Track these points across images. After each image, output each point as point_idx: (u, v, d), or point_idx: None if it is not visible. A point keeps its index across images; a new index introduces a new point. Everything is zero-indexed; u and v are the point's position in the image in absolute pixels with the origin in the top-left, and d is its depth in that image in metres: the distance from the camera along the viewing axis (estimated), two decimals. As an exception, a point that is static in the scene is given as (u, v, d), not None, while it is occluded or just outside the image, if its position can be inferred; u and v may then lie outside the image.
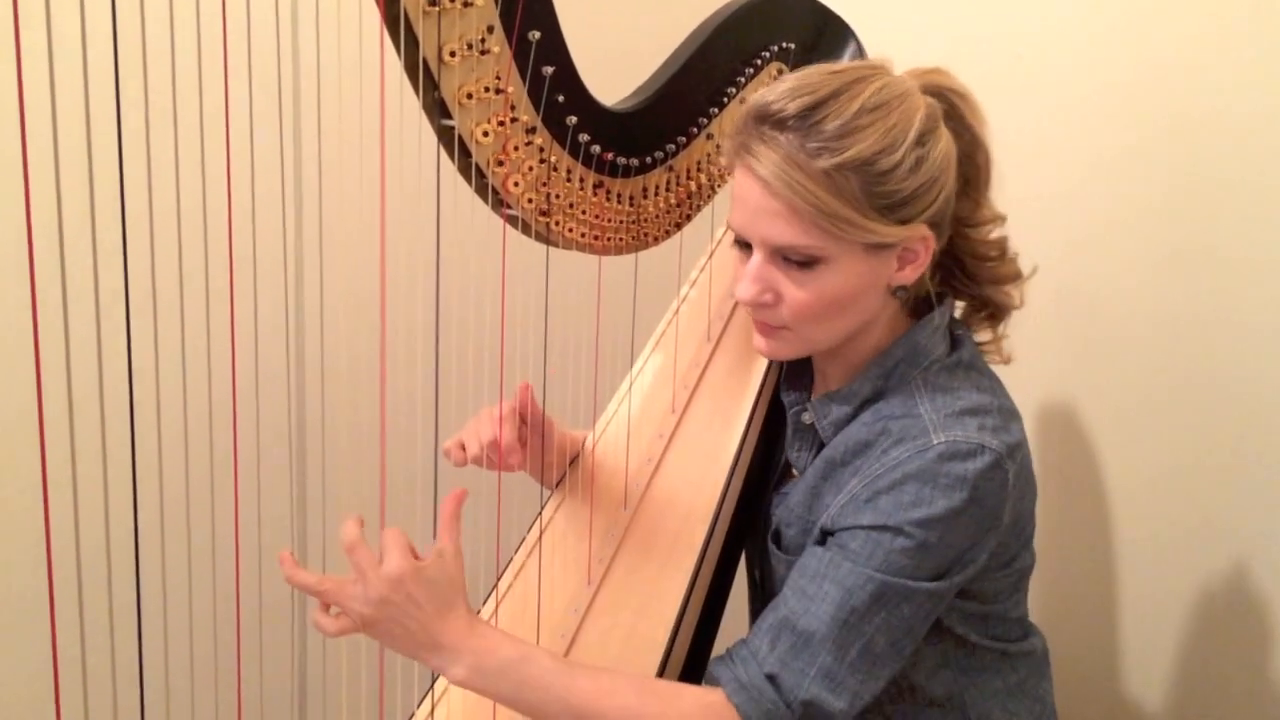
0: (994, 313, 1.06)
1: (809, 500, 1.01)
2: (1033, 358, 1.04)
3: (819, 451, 1.03)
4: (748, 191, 0.91)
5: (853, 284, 0.92)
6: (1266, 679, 1.33)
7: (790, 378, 1.12)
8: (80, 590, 0.78)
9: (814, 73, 0.92)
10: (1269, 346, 1.29)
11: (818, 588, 0.89)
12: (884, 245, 0.92)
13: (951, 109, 0.95)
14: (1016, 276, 1.05)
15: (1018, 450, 0.93)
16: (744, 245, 0.95)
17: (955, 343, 1.01)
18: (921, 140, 0.90)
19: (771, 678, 0.87)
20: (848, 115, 0.88)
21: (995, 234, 1.03)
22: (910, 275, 0.96)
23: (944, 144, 0.92)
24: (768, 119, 0.90)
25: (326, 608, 0.86)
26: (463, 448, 1.08)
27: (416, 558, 0.85)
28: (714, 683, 0.90)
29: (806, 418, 1.03)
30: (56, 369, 0.65)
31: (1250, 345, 1.31)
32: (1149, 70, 1.38)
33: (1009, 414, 0.96)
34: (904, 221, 0.91)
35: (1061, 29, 1.48)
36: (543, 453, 1.14)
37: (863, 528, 0.90)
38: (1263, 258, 1.28)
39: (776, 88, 0.91)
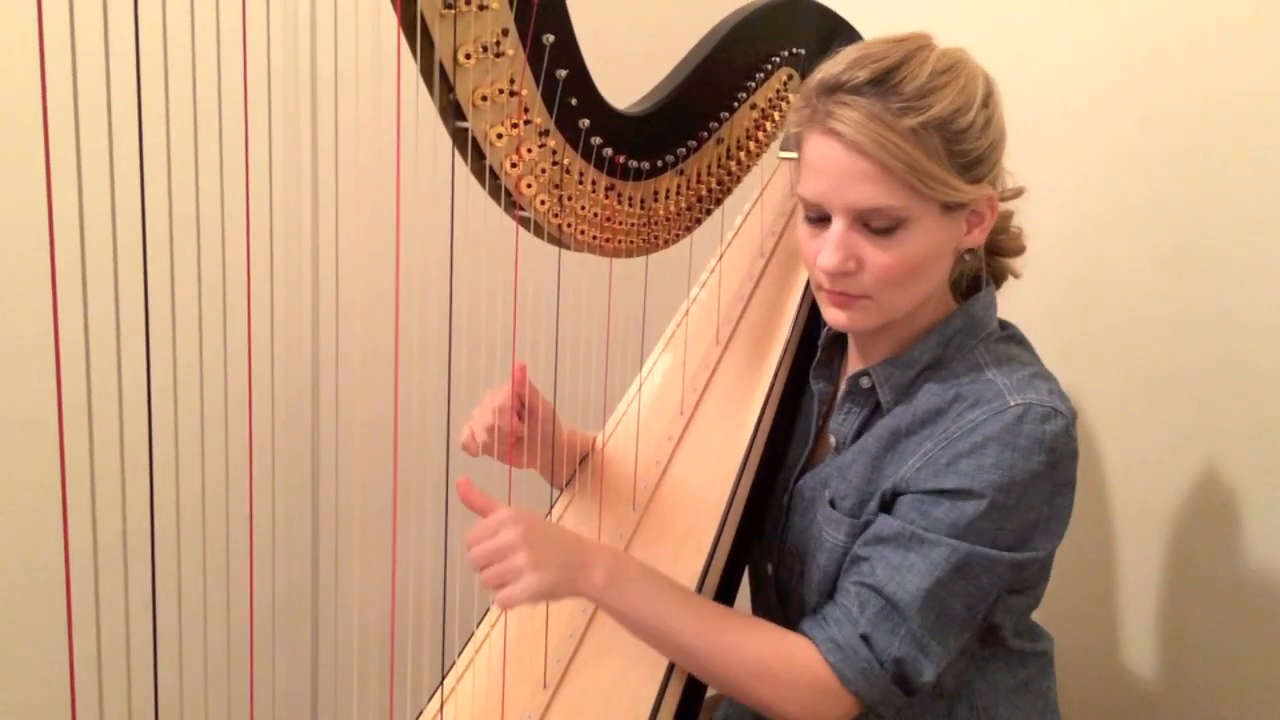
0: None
1: (868, 471, 1.00)
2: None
3: (868, 420, 1.04)
4: (830, 157, 0.91)
5: (931, 247, 0.94)
6: (1270, 673, 1.33)
7: (821, 365, 1.13)
8: (97, 587, 0.79)
9: (874, 44, 0.94)
10: (1271, 341, 1.29)
11: (903, 558, 0.92)
12: (959, 205, 0.93)
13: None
14: (1022, 250, 1.08)
15: (1076, 420, 0.96)
16: (817, 219, 0.95)
17: (1003, 323, 1.04)
18: (987, 101, 0.93)
19: (865, 638, 0.92)
20: (923, 77, 0.89)
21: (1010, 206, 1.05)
22: (978, 238, 0.98)
23: (1000, 107, 0.95)
24: (840, 88, 0.91)
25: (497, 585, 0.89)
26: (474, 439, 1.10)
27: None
28: (808, 642, 0.94)
29: (865, 382, 1.03)
30: (75, 369, 0.66)
31: (1252, 339, 1.31)
32: (1149, 67, 1.39)
33: (1061, 388, 0.98)
34: (976, 181, 0.93)
35: (1061, 27, 1.49)
36: (540, 440, 1.14)
37: (945, 493, 0.92)
38: (1263, 252, 1.29)
39: (839, 60, 0.92)
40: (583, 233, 1.03)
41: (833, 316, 0.98)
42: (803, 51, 1.19)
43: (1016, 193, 1.04)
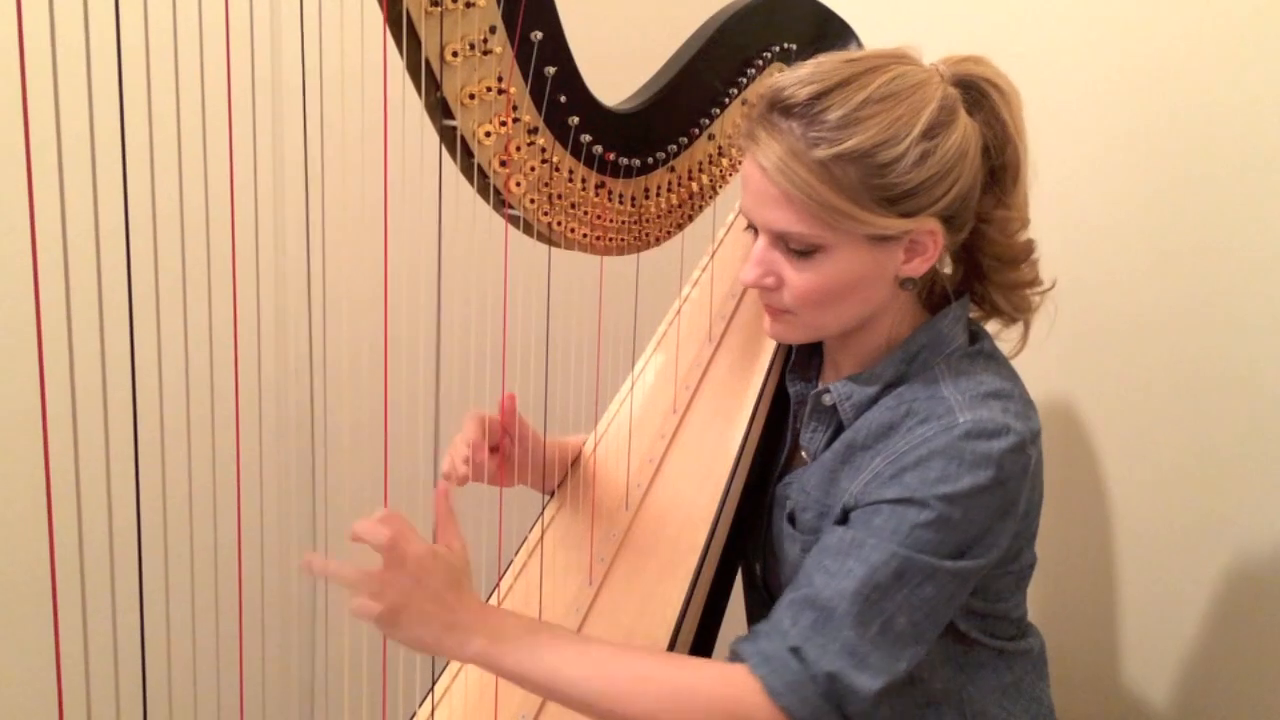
0: (1001, 318, 1.06)
1: (826, 484, 1.00)
2: (1032, 355, 1.05)
3: (835, 435, 1.03)
4: (751, 177, 0.93)
5: (854, 273, 0.93)
6: (1266, 677, 1.33)
7: (798, 366, 1.13)
8: (83, 589, 0.78)
9: (831, 59, 0.92)
10: (1269, 343, 1.29)
11: (840, 564, 0.89)
12: (887, 237, 0.92)
13: (982, 98, 0.94)
14: (1032, 283, 1.04)
15: (1037, 438, 0.94)
16: (753, 228, 0.97)
17: (974, 335, 1.02)
18: (930, 133, 0.89)
19: (795, 650, 0.86)
20: (851, 105, 0.88)
21: (1021, 236, 1.01)
22: (919, 268, 0.95)
23: (958, 136, 0.91)
24: (778, 105, 0.91)
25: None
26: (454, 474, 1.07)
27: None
28: (737, 659, 0.89)
29: (827, 399, 1.03)
30: (59, 369, 0.65)
31: (1250, 342, 1.31)
32: (1148, 68, 1.38)
33: (1028, 403, 0.97)
34: (909, 214, 0.90)
35: (1061, 29, 1.49)
36: (529, 465, 1.13)
37: (887, 502, 0.90)
38: (1262, 254, 1.29)
39: (794, 73, 0.92)
40: (573, 230, 1.02)
41: (766, 327, 1.02)
42: (794, 47, 1.19)
43: (1020, 219, 1.00)
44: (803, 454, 1.08)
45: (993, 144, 0.95)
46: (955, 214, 0.94)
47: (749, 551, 1.15)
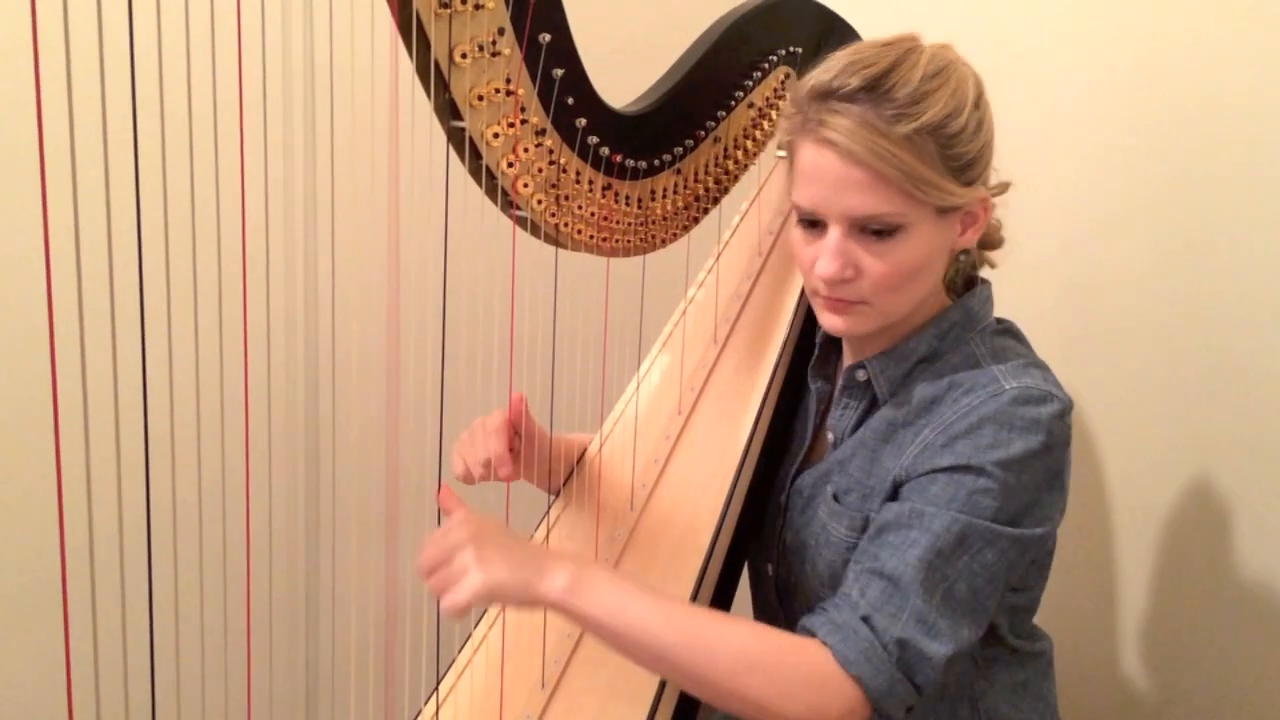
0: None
1: (868, 465, 1.00)
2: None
3: (866, 414, 1.04)
4: (823, 166, 0.91)
5: (927, 250, 0.94)
6: (1266, 675, 1.33)
7: (820, 364, 1.13)
8: (93, 588, 0.78)
9: (863, 48, 0.93)
10: (1270, 340, 1.29)
11: (903, 536, 0.89)
12: (954, 208, 0.94)
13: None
14: (1001, 243, 1.08)
15: (1072, 409, 0.95)
16: (813, 224, 0.95)
17: (998, 319, 1.05)
18: (978, 103, 0.93)
19: (866, 619, 0.87)
20: (915, 82, 0.89)
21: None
22: (972, 238, 0.98)
23: (989, 108, 0.95)
24: (832, 94, 0.90)
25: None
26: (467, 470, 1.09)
27: None
28: (807, 633, 0.89)
29: (861, 375, 1.03)
30: (71, 368, 0.66)
31: (1251, 339, 1.31)
32: (1148, 66, 1.39)
33: (1057, 380, 0.98)
34: (970, 183, 0.93)
35: (1061, 27, 1.49)
36: (535, 462, 1.14)
37: (942, 470, 0.91)
38: (1262, 251, 1.29)
39: (830, 67, 0.92)
40: (580, 232, 1.03)
41: (830, 322, 0.98)
42: (800, 50, 1.19)
43: (1003, 188, 1.03)
44: (829, 437, 1.08)
45: None
46: (988, 181, 0.97)
47: (757, 553, 1.15)
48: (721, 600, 1.08)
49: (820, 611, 0.90)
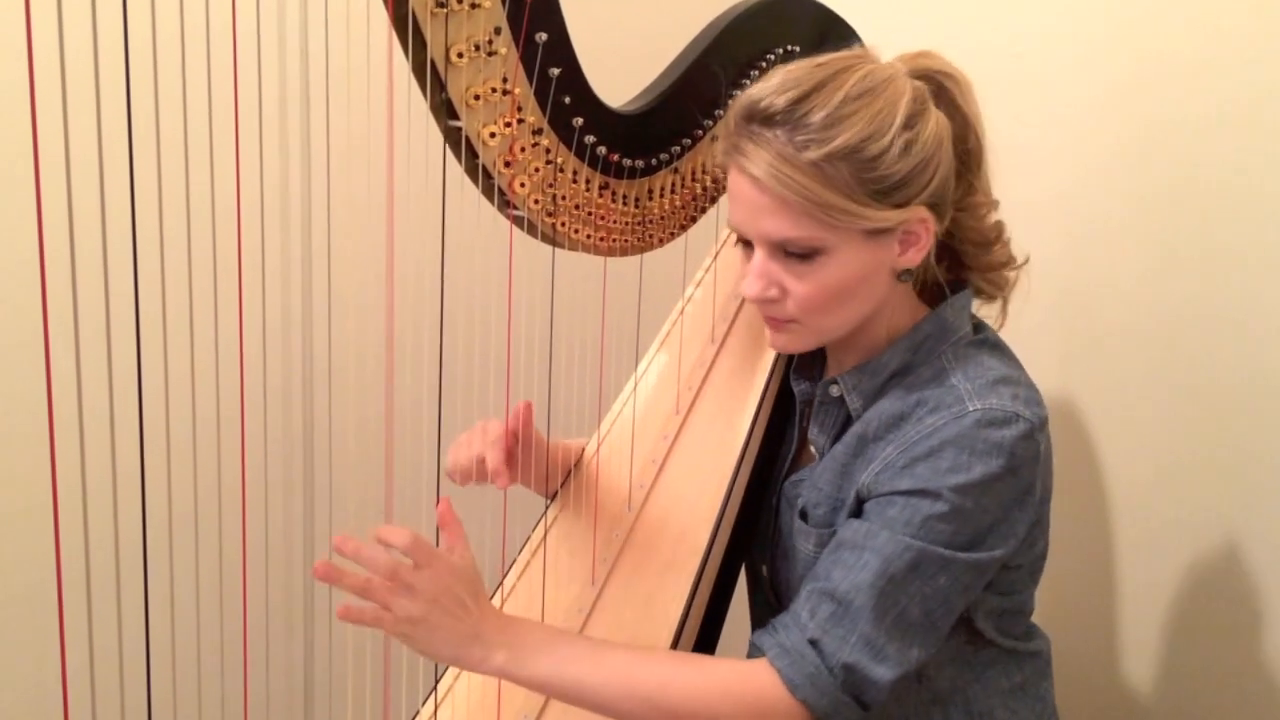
0: (980, 297, 1.07)
1: (838, 479, 1.01)
2: (1031, 356, 1.05)
3: (843, 429, 1.04)
4: (742, 190, 0.93)
5: (855, 271, 0.93)
6: (1265, 676, 1.33)
7: (802, 367, 1.13)
8: (89, 591, 0.78)
9: (799, 67, 0.93)
10: (1268, 344, 1.29)
11: (856, 557, 0.90)
12: (882, 230, 0.92)
13: (941, 91, 0.96)
14: (1006, 263, 1.06)
15: (1045, 425, 0.95)
16: (746, 243, 0.96)
17: (977, 326, 1.03)
18: (909, 123, 0.91)
19: (814, 643, 0.88)
20: (833, 105, 0.89)
21: (991, 219, 1.03)
22: (914, 258, 0.96)
23: (934, 125, 0.93)
24: (756, 116, 0.91)
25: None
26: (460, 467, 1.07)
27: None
28: (757, 652, 0.91)
29: (835, 390, 1.03)
30: (66, 372, 0.65)
31: (1249, 342, 1.31)
32: (1148, 69, 1.39)
33: (1034, 391, 0.98)
34: (900, 205, 0.92)
35: (1061, 29, 1.49)
36: (532, 468, 1.13)
37: (900, 493, 0.91)
38: (1261, 255, 1.29)
39: (765, 84, 0.93)
40: (577, 231, 1.02)
41: (769, 339, 1.01)
42: (797, 48, 1.19)
43: (989, 202, 1.02)
44: (811, 449, 1.08)
45: (957, 132, 0.96)
46: (939, 200, 0.95)
47: (754, 553, 1.15)
48: (720, 598, 1.08)
49: (770, 631, 0.92)
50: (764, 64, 1.16)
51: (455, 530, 0.88)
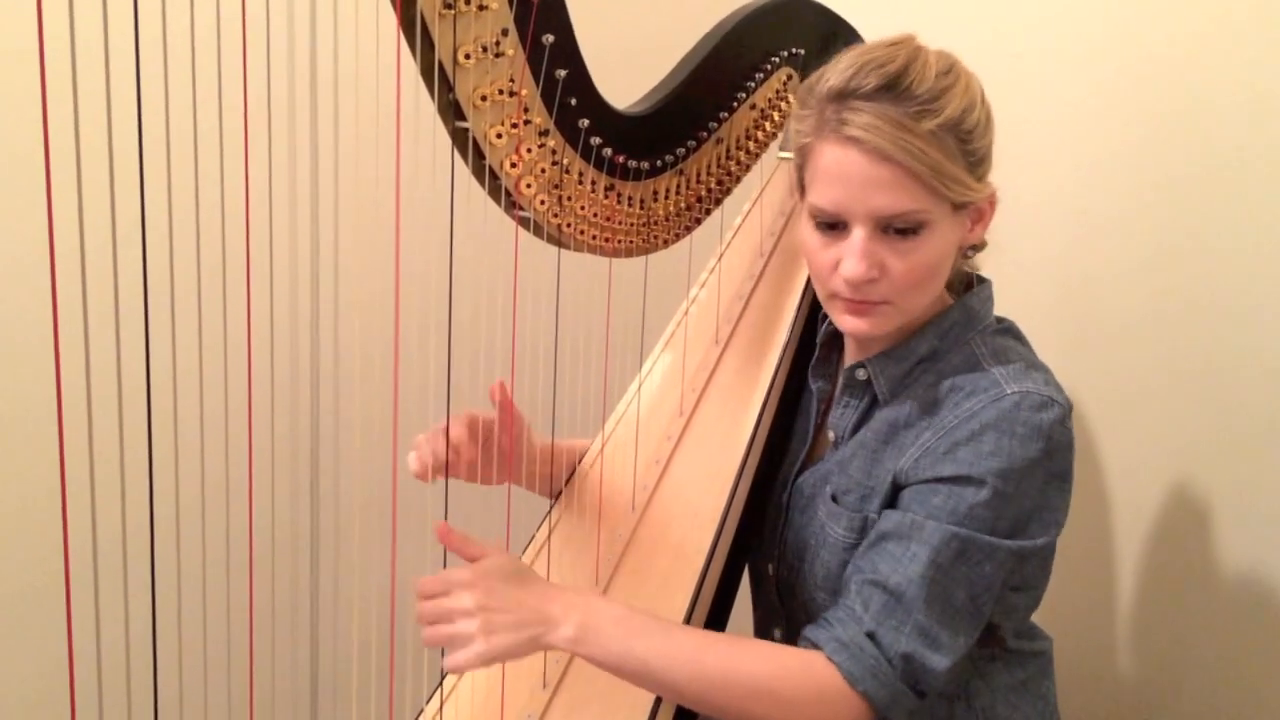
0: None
1: (868, 465, 1.01)
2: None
3: (866, 413, 1.04)
4: (849, 164, 0.90)
5: (947, 246, 0.94)
6: (1265, 676, 1.33)
7: (820, 363, 1.13)
8: (96, 588, 0.79)
9: (873, 48, 0.93)
10: (1269, 339, 1.29)
11: (904, 549, 0.91)
12: (967, 204, 0.93)
13: None
14: (983, 245, 1.06)
15: (1071, 412, 0.95)
16: (831, 226, 0.94)
17: (998, 317, 1.04)
18: (984, 99, 0.94)
19: (871, 635, 0.89)
20: (931, 79, 0.89)
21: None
22: (979, 234, 0.98)
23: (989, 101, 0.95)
24: (852, 93, 0.90)
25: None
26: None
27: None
28: (810, 645, 0.91)
29: (861, 374, 1.03)
30: (75, 369, 0.66)
31: (1251, 339, 1.31)
32: (1148, 67, 1.39)
33: (1057, 380, 0.98)
34: (982, 178, 0.94)
35: (1061, 27, 1.49)
36: (524, 464, 1.11)
37: (944, 480, 0.91)
38: (1262, 251, 1.29)
39: (840, 68, 0.92)
40: (582, 233, 1.03)
41: (851, 324, 0.97)
42: (802, 52, 1.19)
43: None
44: (830, 435, 1.08)
45: None
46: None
47: (758, 552, 1.15)
48: (723, 599, 1.08)
49: (825, 625, 0.92)
50: (769, 66, 1.16)
51: (460, 543, 0.89)
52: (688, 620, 1.02)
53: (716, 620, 1.07)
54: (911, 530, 0.91)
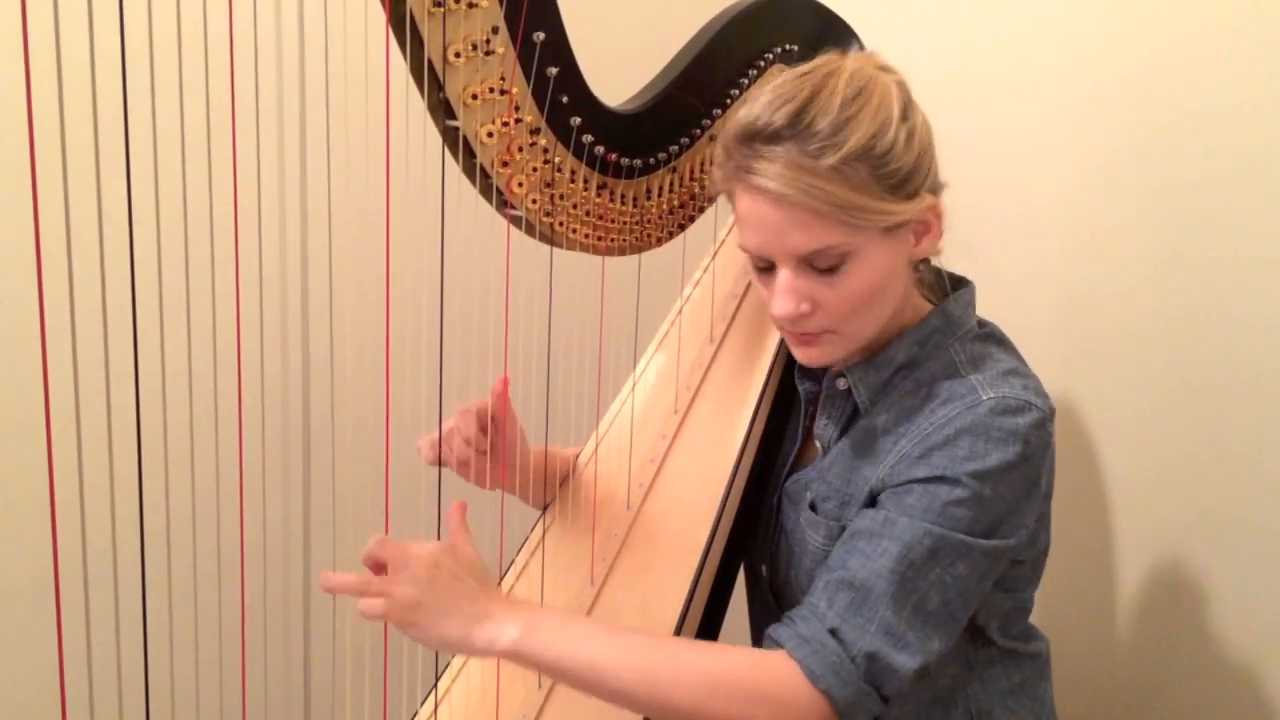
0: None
1: (847, 473, 1.01)
2: (1032, 356, 1.05)
3: (849, 423, 1.04)
4: (758, 211, 0.91)
5: (881, 269, 0.93)
6: (1264, 676, 1.33)
7: (805, 367, 1.13)
8: (86, 590, 0.78)
9: (784, 82, 0.93)
10: (1268, 344, 1.29)
11: (874, 545, 0.89)
12: (900, 224, 0.93)
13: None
14: (938, 253, 1.04)
15: (1053, 416, 0.95)
16: (764, 267, 0.95)
17: (980, 321, 1.04)
18: (905, 114, 0.92)
19: (833, 631, 0.86)
20: (835, 109, 0.88)
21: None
22: (928, 247, 0.97)
23: (921, 113, 0.94)
24: (758, 135, 0.90)
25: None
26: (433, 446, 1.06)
27: None
28: (774, 644, 0.88)
29: (842, 384, 1.03)
30: (63, 373, 0.65)
31: (1250, 343, 1.31)
32: (1147, 73, 1.39)
33: (1040, 384, 0.98)
34: (911, 196, 0.92)
35: (1060, 31, 1.49)
36: (507, 462, 1.09)
37: (918, 481, 0.91)
38: (1260, 257, 1.29)
39: (754, 105, 0.92)
40: (575, 231, 1.03)
41: (803, 355, 0.99)
42: (795, 48, 1.19)
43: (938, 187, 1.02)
44: (816, 444, 1.08)
45: None
46: (936, 186, 0.96)
47: (753, 552, 1.15)
48: (718, 599, 1.08)
49: (787, 622, 0.90)
50: (762, 63, 1.16)
51: (461, 531, 0.89)
52: (683, 619, 1.01)
53: (712, 619, 1.07)
54: (884, 527, 0.90)
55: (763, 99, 0.91)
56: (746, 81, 1.15)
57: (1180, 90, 1.35)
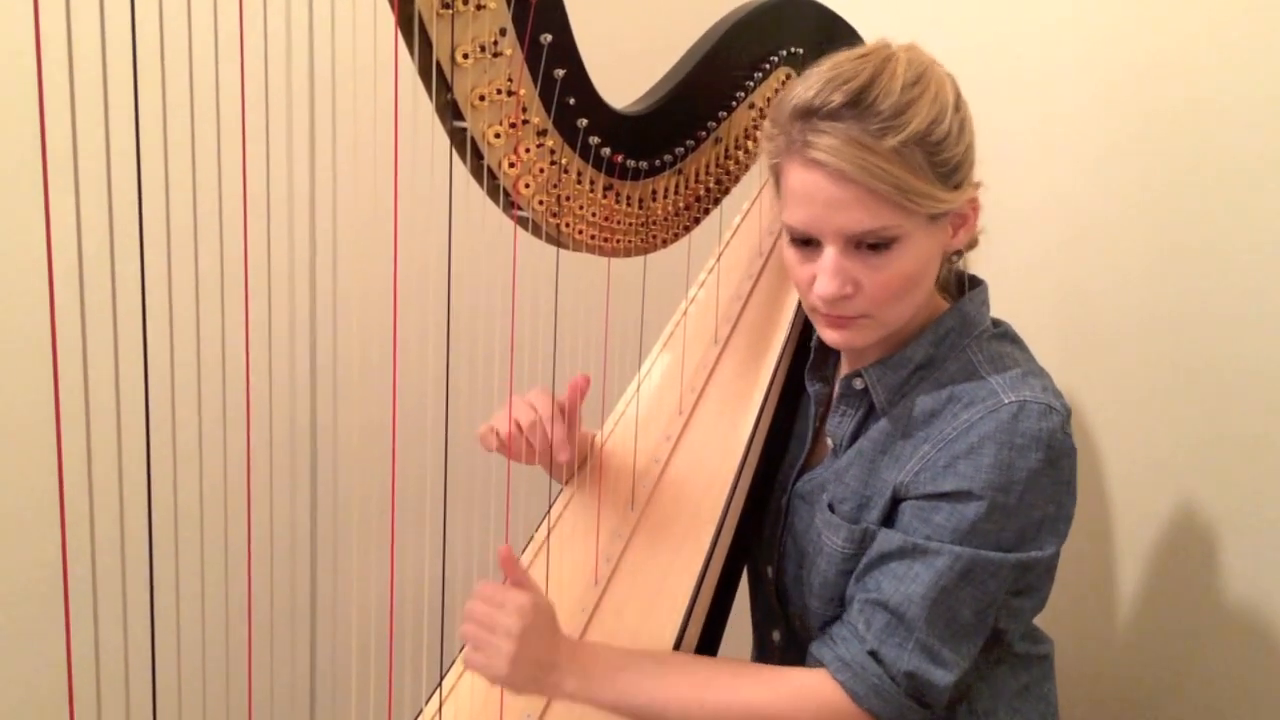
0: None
1: (865, 475, 1.00)
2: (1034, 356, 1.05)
3: (863, 421, 1.03)
4: (814, 186, 0.90)
5: (922, 258, 0.93)
6: (1265, 676, 1.33)
7: (816, 366, 1.13)
8: (95, 591, 0.79)
9: (840, 62, 0.92)
10: (1268, 340, 1.29)
11: (906, 568, 0.91)
12: (944, 213, 0.93)
13: None
14: (975, 244, 1.05)
15: (1070, 417, 0.95)
16: (806, 243, 0.94)
17: (994, 321, 1.04)
18: (958, 105, 0.92)
19: (873, 654, 0.91)
20: (896, 92, 0.88)
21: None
22: (963, 239, 0.98)
23: (967, 107, 0.94)
24: (815, 113, 0.89)
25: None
26: (495, 432, 1.05)
27: None
28: (816, 663, 0.93)
29: (859, 384, 1.03)
30: (73, 372, 0.66)
31: (1249, 340, 1.31)
32: (1146, 68, 1.39)
33: (1054, 384, 0.98)
34: (957, 186, 0.93)
35: (1060, 29, 1.49)
36: (569, 449, 1.09)
37: (944, 496, 0.91)
38: (1259, 253, 1.29)
39: (809, 84, 0.91)
40: (581, 232, 1.03)
41: (831, 338, 0.98)
42: (801, 51, 1.19)
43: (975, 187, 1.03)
44: (827, 442, 1.08)
45: None
46: (973, 180, 0.96)
47: (758, 554, 1.15)
48: (722, 600, 1.08)
49: (828, 643, 0.94)
50: (767, 65, 1.16)
51: (516, 571, 0.92)
52: (687, 619, 1.02)
53: (715, 620, 1.07)
54: (914, 552, 0.92)
55: (819, 79, 0.91)
56: (752, 84, 1.15)
57: (1178, 86, 1.35)
